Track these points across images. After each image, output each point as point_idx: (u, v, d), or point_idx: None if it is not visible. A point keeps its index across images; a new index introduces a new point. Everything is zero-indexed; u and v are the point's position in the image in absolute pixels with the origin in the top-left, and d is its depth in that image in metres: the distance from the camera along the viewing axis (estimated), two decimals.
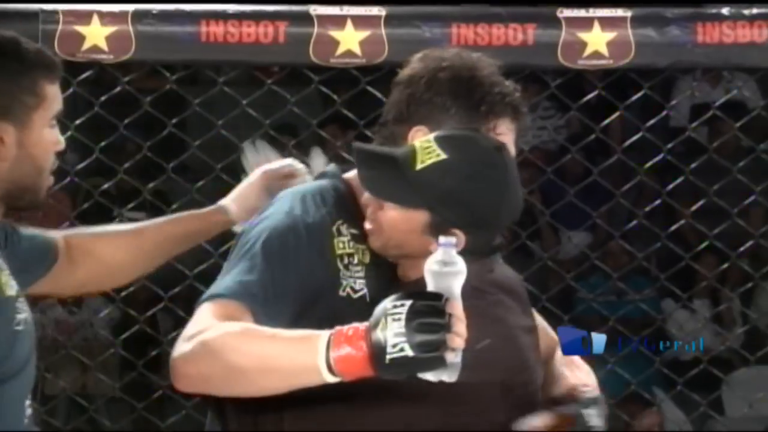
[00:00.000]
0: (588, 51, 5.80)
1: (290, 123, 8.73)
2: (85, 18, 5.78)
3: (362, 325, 3.88)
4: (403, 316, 3.82)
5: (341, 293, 4.25)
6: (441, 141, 4.10)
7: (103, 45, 5.78)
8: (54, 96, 3.89)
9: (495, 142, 4.16)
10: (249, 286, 4.10)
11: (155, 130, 6.74)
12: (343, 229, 4.29)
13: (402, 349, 3.83)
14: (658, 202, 7.03)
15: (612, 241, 8.53)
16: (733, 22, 5.95)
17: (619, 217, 7.24)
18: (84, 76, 6.12)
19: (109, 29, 5.78)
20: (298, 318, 4.13)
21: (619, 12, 5.88)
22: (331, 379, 3.93)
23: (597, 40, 5.80)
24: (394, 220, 4.13)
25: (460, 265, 3.88)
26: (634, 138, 6.76)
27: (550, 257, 8.44)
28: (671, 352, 10.33)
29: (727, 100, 10.18)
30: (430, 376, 3.91)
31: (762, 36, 5.88)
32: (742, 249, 7.26)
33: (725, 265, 7.87)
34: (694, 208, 6.88)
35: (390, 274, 4.29)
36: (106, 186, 6.69)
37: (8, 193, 3.86)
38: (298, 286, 4.17)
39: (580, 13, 5.86)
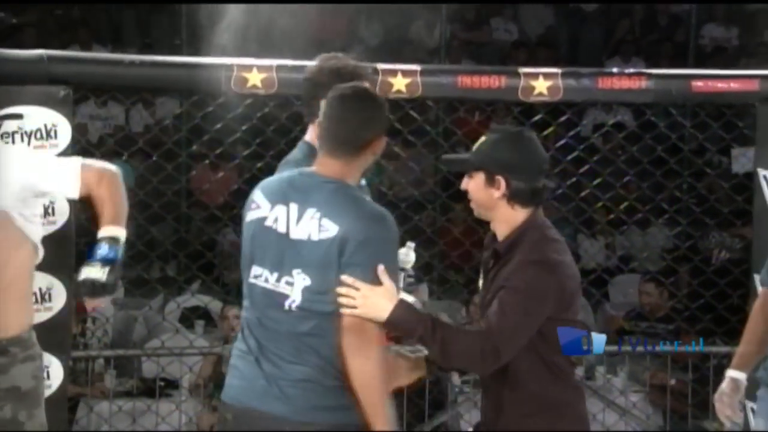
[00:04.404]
0: (536, 91, 5.74)
1: None
2: (248, 68, 5.67)
3: None
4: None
5: None
6: (489, 133, 3.95)
7: (259, 83, 5.64)
8: None
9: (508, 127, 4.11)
10: None
11: None
12: None
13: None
14: (574, 179, 6.98)
15: (547, 201, 8.47)
16: (619, 76, 5.91)
17: (551, 187, 7.24)
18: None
19: (262, 75, 5.62)
20: None
21: (554, 69, 5.85)
22: None
23: (541, 86, 5.75)
24: (473, 185, 3.90)
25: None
26: (561, 142, 6.73)
27: None
28: (579, 264, 10.30)
29: (615, 122, 10.18)
30: None
31: (636, 84, 5.83)
32: (622, 206, 7.23)
33: (612, 216, 7.83)
34: (594, 183, 6.86)
35: None
36: None
37: None
38: None
39: (532, 70, 5.83)
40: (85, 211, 4.56)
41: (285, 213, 3.78)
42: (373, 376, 3.70)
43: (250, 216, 3.84)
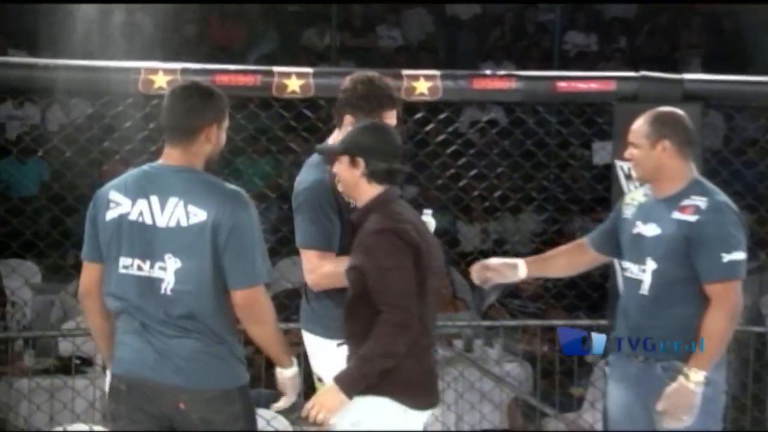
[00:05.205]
0: (417, 91, 5.75)
1: None
2: (154, 71, 5.65)
3: None
4: None
5: (353, 205, 4.21)
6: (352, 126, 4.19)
7: (165, 85, 5.60)
8: None
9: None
10: (315, 234, 4.27)
11: None
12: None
13: None
14: (452, 171, 7.01)
15: (429, 191, 8.52)
16: (492, 77, 5.94)
17: (432, 179, 7.22)
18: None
19: (168, 77, 5.59)
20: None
21: (434, 72, 5.85)
22: None
23: (422, 86, 5.75)
24: (339, 167, 4.09)
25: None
26: (441, 137, 6.73)
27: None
28: (459, 248, 10.34)
29: (488, 119, 10.24)
30: None
31: (507, 85, 5.86)
32: (496, 195, 7.28)
33: (487, 204, 7.87)
34: (471, 174, 6.87)
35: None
36: None
37: None
38: (334, 220, 4.30)
39: (413, 72, 5.83)
40: (2, 205, 4.47)
41: (147, 206, 3.83)
42: (271, 335, 3.90)
43: (110, 215, 3.87)
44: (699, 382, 4.22)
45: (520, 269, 4.67)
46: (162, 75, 5.61)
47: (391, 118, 4.39)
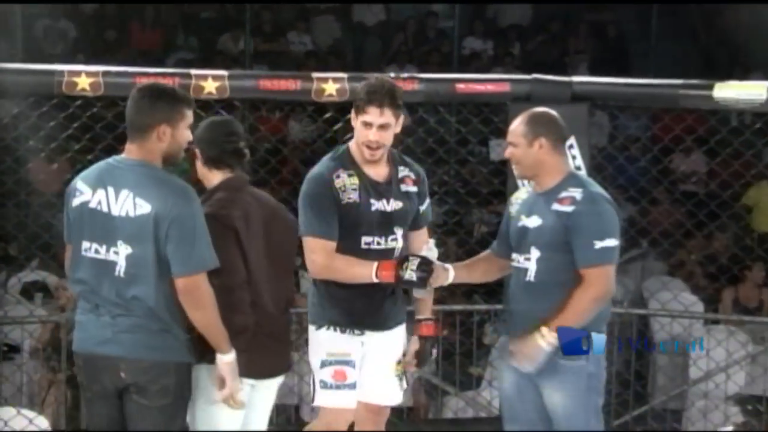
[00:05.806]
0: (326, 93, 5.72)
1: None
2: (77, 73, 5.58)
3: (394, 261, 4.27)
4: (416, 263, 4.24)
5: (344, 202, 4.33)
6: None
7: (87, 87, 5.56)
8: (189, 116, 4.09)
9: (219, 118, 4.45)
10: (316, 225, 4.29)
11: None
12: (342, 173, 4.38)
13: (411, 277, 4.23)
14: None
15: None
16: (395, 79, 5.90)
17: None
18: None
19: (90, 79, 5.55)
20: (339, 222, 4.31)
21: (342, 74, 5.82)
22: (377, 280, 4.25)
23: (330, 88, 5.74)
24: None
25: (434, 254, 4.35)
26: (348, 135, 6.69)
27: None
28: None
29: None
30: (422, 293, 4.36)
31: (409, 87, 5.86)
32: None
33: None
34: None
35: (369, 187, 4.38)
36: None
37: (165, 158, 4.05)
38: (331, 210, 4.30)
39: (323, 74, 5.81)
40: None
41: (105, 195, 3.98)
42: (210, 320, 3.99)
43: (75, 202, 4.03)
44: (550, 342, 4.28)
45: (450, 273, 4.57)
46: (85, 77, 5.58)
47: (374, 115, 4.38)
